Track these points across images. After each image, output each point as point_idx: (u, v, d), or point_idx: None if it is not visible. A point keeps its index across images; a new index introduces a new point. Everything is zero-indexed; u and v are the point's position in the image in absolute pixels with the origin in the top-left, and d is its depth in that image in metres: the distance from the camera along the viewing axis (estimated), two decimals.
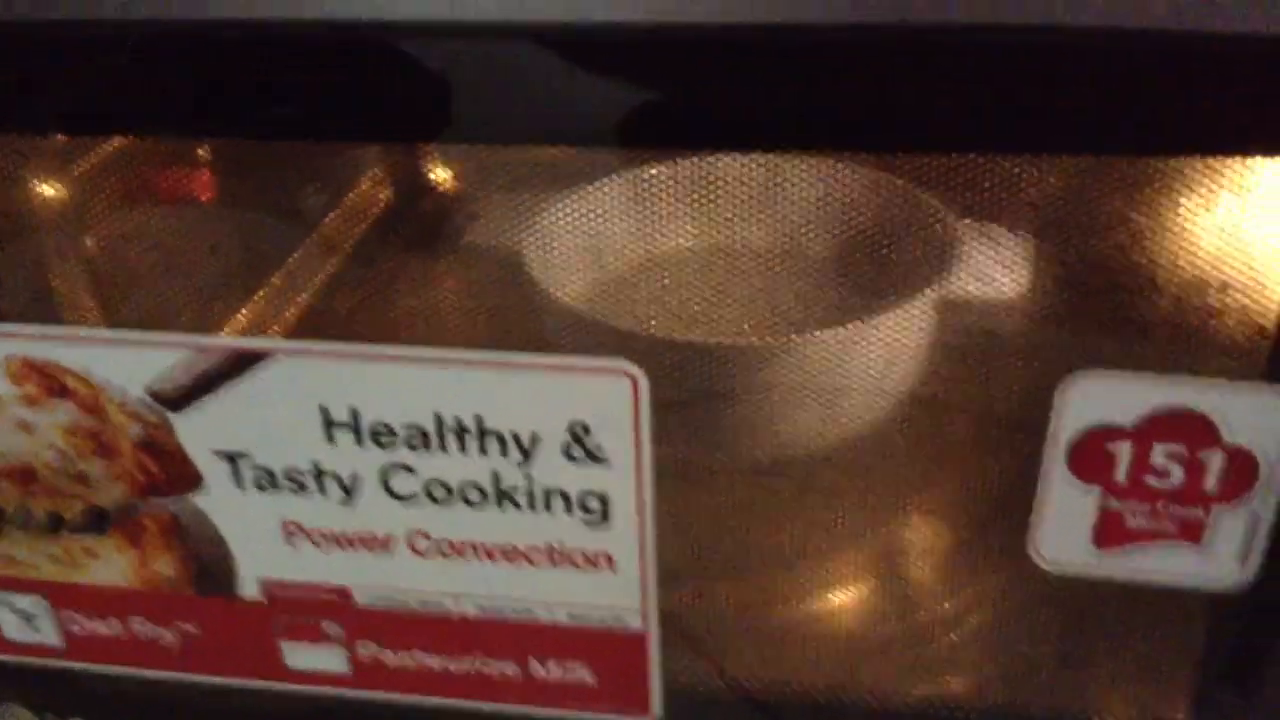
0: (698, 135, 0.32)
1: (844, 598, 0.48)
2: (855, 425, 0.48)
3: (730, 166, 0.43)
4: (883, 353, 0.47)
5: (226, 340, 0.36)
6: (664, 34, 0.29)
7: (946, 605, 0.46)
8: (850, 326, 0.46)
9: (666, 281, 0.59)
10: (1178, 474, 0.32)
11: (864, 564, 0.49)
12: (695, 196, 0.60)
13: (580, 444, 0.36)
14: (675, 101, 0.30)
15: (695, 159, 0.44)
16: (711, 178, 0.46)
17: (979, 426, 0.48)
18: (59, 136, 0.44)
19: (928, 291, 0.46)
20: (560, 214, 0.56)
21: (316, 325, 0.59)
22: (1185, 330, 0.34)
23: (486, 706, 0.42)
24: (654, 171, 0.45)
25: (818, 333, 0.47)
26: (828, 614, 0.48)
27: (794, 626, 0.48)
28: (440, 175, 0.57)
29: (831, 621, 0.48)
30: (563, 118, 0.31)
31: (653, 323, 0.56)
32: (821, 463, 0.48)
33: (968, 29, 0.28)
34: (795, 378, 0.47)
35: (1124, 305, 0.35)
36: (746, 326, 0.54)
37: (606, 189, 0.58)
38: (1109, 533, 0.33)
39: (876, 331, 0.46)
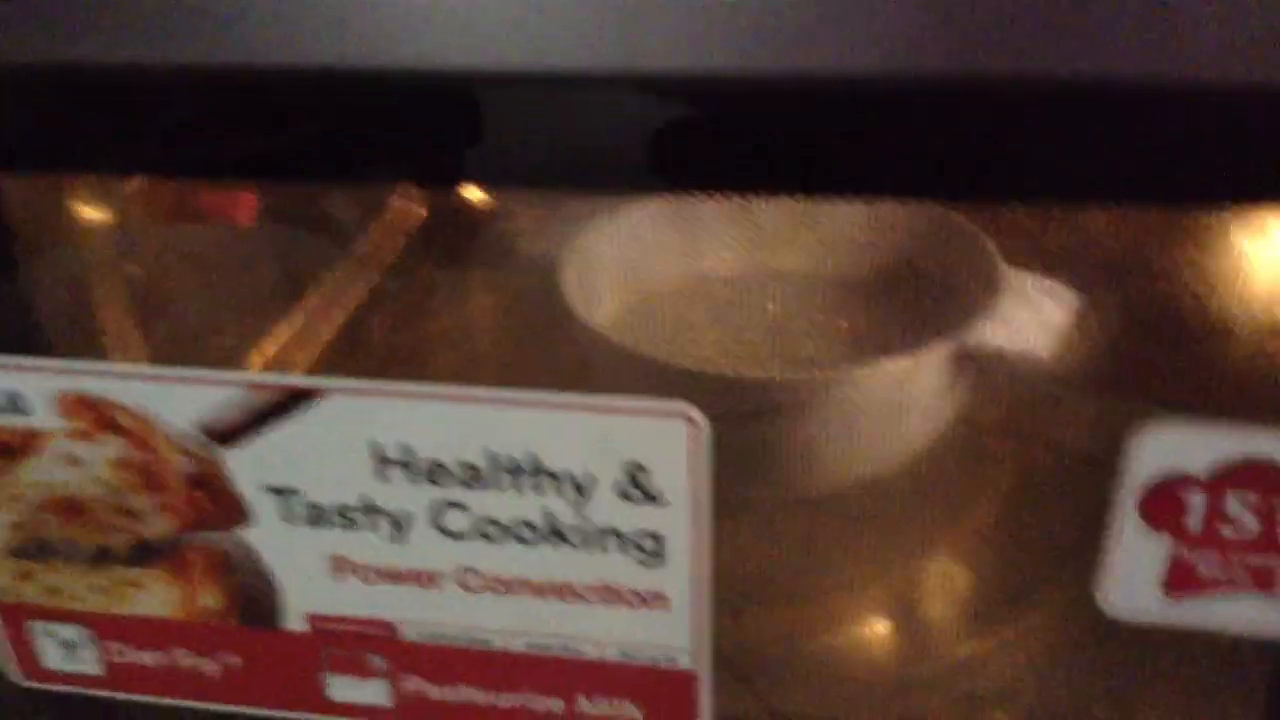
0: (739, 179, 0.31)
1: (892, 630, 0.48)
2: (905, 456, 0.48)
3: None
4: (932, 384, 0.46)
5: (280, 378, 0.36)
6: (703, 82, 0.29)
7: (996, 639, 0.46)
8: (898, 359, 0.46)
9: (706, 304, 0.58)
10: (1253, 524, 0.31)
11: (913, 596, 0.49)
12: (737, 217, 0.59)
13: (637, 484, 0.35)
14: (720, 147, 0.30)
15: None
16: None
17: (1032, 461, 0.47)
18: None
19: (976, 324, 0.45)
20: (599, 232, 0.55)
21: (354, 341, 0.59)
22: (1258, 375, 0.33)
23: None
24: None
25: (862, 367, 0.46)
26: (876, 647, 0.48)
27: (841, 660, 0.47)
28: (477, 192, 0.57)
29: (881, 655, 0.47)
30: (593, 161, 0.31)
31: (689, 346, 0.55)
32: (872, 493, 0.47)
33: (1022, 78, 0.27)
34: (841, 410, 0.47)
35: (1193, 349, 0.34)
36: (789, 354, 0.54)
37: (646, 208, 0.57)
38: (1180, 581, 0.32)
39: (925, 364, 0.46)
